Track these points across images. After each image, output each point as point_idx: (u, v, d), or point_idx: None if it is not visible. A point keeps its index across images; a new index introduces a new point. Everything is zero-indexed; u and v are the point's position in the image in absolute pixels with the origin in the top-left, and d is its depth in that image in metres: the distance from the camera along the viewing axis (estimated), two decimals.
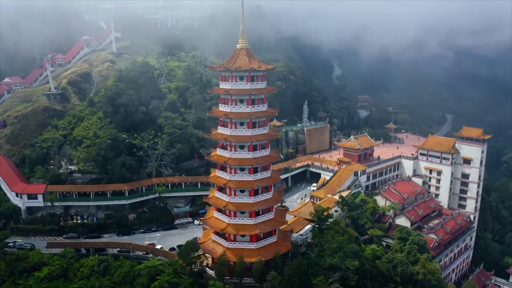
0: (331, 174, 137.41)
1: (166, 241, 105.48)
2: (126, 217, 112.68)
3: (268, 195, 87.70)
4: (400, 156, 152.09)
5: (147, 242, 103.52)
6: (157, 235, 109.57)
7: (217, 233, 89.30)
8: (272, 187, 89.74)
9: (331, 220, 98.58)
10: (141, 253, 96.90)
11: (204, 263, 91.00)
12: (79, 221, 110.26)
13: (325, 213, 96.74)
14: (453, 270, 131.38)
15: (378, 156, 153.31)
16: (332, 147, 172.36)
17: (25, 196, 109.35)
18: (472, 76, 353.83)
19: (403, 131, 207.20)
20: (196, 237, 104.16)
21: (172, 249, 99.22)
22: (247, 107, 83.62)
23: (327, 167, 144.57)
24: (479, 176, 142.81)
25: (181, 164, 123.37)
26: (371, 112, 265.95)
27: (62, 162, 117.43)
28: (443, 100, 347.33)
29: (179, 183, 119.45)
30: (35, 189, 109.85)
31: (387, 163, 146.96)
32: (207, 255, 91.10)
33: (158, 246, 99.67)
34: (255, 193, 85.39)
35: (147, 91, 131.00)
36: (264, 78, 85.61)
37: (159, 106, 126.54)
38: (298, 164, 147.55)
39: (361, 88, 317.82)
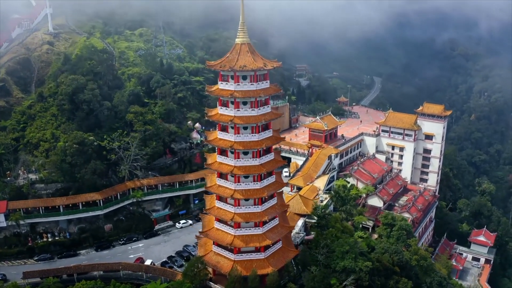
0: (303, 158, 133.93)
1: (152, 252, 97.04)
2: (102, 228, 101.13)
3: (273, 201, 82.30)
4: (362, 134, 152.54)
5: (132, 256, 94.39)
6: (140, 245, 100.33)
7: (218, 245, 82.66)
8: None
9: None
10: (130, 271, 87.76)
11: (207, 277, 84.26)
12: (50, 239, 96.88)
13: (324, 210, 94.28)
14: (422, 245, 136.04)
15: (342, 134, 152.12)
16: (292, 126, 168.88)
17: None
18: (399, 39, 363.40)
19: (353, 103, 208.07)
20: (187, 245, 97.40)
21: (165, 262, 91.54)
22: (253, 110, 75.81)
23: (297, 150, 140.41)
24: (441, 151, 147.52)
25: (153, 162, 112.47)
26: (310, 81, 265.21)
27: (19, 171, 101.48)
28: (371, 63, 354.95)
29: (156, 184, 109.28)
30: None
31: (351, 142, 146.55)
32: (207, 266, 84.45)
33: (148, 261, 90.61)
34: (262, 201, 79.44)
35: (105, 81, 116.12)
36: (267, 76, 78.38)
37: (123, 99, 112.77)
38: None
39: (291, 54, 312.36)
